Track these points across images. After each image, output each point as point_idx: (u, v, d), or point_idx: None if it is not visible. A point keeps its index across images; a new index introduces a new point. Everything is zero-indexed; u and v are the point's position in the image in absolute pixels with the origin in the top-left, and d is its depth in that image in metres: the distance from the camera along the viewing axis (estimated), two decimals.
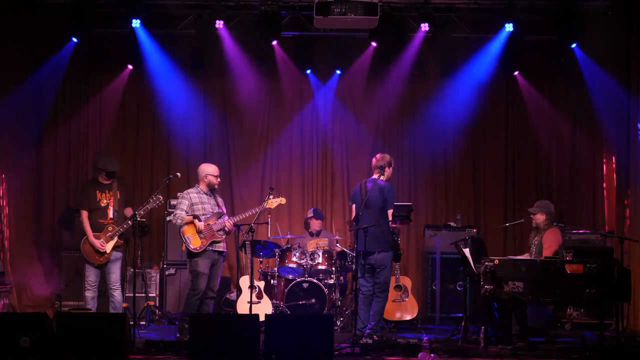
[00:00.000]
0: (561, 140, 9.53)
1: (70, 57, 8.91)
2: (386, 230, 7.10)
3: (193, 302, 7.17)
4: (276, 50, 9.24)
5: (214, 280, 7.32)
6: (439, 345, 6.95)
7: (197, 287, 7.17)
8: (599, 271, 6.61)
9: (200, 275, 7.16)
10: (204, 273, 7.18)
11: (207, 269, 7.20)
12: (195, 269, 7.20)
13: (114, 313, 7.21)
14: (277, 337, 6.15)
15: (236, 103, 9.62)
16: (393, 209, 7.25)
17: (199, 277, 7.17)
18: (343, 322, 8.13)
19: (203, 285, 7.18)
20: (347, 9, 7.78)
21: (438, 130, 9.60)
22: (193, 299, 7.17)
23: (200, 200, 7.29)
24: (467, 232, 8.71)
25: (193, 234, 7.18)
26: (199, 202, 7.28)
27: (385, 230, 7.09)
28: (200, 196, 7.32)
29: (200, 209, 7.25)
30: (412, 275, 9.12)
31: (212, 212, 7.28)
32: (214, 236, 7.21)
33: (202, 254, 7.18)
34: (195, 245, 7.16)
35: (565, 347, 7.07)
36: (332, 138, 9.74)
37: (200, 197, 7.31)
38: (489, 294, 6.76)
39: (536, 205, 7.57)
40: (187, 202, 7.26)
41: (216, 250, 7.27)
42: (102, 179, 7.51)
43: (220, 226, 7.23)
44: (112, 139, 9.54)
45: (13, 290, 8.45)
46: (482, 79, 9.34)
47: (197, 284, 7.17)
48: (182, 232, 7.21)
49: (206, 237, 7.19)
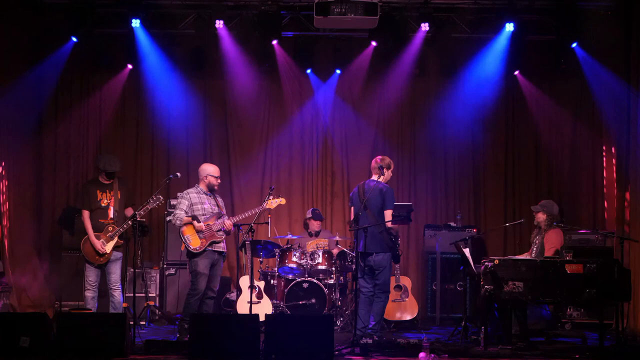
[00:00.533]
0: (561, 140, 9.54)
1: (69, 57, 8.91)
2: (384, 231, 7.09)
3: (192, 303, 7.16)
4: (276, 50, 9.24)
5: (214, 281, 7.32)
6: (439, 345, 6.94)
7: (197, 288, 7.17)
8: (599, 271, 6.61)
9: (200, 275, 7.16)
10: (204, 273, 7.17)
11: (206, 269, 7.19)
12: (195, 269, 7.19)
13: (114, 313, 7.20)
14: (277, 337, 6.15)
15: (236, 103, 9.62)
16: (393, 209, 7.26)
17: (198, 277, 7.17)
18: (343, 322, 8.13)
19: (203, 285, 7.17)
20: (347, 9, 7.78)
21: (438, 130, 9.60)
22: (193, 299, 7.16)
23: (200, 200, 7.29)
24: (467, 232, 8.71)
25: (193, 234, 7.17)
26: (198, 202, 7.27)
27: (383, 231, 7.09)
28: (200, 196, 7.31)
29: (200, 209, 7.25)
30: (412, 275, 9.13)
31: (211, 213, 7.28)
32: (213, 236, 7.21)
33: (201, 254, 7.18)
34: (195, 246, 7.16)
35: (565, 347, 7.08)
36: (332, 138, 9.74)
37: (200, 197, 7.31)
38: (489, 294, 6.76)
39: (540, 204, 7.56)
40: (186, 202, 7.26)
41: (216, 250, 7.27)
42: (102, 179, 7.51)
43: (219, 226, 7.22)
44: (112, 138, 9.54)
45: (13, 290, 8.45)
46: (482, 78, 9.34)
47: (197, 284, 7.17)
48: (182, 232, 7.20)
49: (206, 237, 7.18)
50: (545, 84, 9.48)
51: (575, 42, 8.75)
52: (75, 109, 9.43)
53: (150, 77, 9.31)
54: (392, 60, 9.29)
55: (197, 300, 7.18)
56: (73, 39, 8.75)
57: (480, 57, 9.14)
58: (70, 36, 8.73)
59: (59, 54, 8.86)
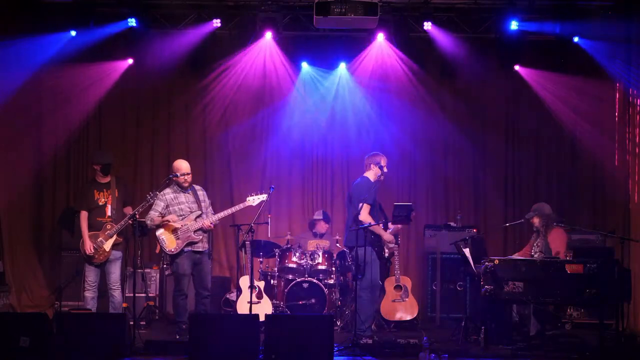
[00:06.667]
0: (562, 139, 9.52)
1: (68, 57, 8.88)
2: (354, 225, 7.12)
3: (180, 303, 7.24)
4: (276, 49, 9.25)
5: (204, 280, 7.35)
6: (439, 345, 6.94)
7: (181, 288, 7.25)
8: (599, 271, 6.61)
9: (181, 276, 7.24)
10: (185, 274, 7.25)
11: (188, 269, 7.25)
12: (175, 271, 7.28)
13: (114, 313, 7.21)
14: (277, 337, 6.15)
15: (236, 102, 9.62)
16: (393, 209, 7.30)
17: (180, 279, 7.25)
18: (343, 322, 8.13)
19: (186, 285, 7.26)
20: (347, 9, 7.77)
21: (438, 129, 9.60)
22: (179, 299, 7.26)
23: (177, 200, 7.29)
24: (467, 232, 8.70)
25: (168, 235, 7.20)
26: (175, 202, 7.28)
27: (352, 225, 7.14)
28: (176, 195, 7.31)
29: (177, 209, 7.26)
30: (412, 275, 9.11)
31: (189, 211, 7.28)
32: (190, 237, 7.21)
33: (180, 255, 7.22)
34: (171, 247, 7.19)
35: (565, 347, 7.07)
36: (332, 138, 9.73)
37: (176, 196, 7.31)
38: (489, 294, 6.76)
39: (531, 210, 7.59)
40: (162, 203, 7.26)
41: (195, 250, 7.28)
42: (99, 178, 7.50)
43: (197, 226, 7.22)
44: (112, 137, 9.54)
45: (13, 290, 8.45)
46: (482, 78, 9.34)
47: (180, 285, 7.25)
48: (157, 234, 7.22)
49: (181, 239, 7.19)
50: (545, 83, 9.46)
51: (577, 36, 8.72)
52: (75, 109, 9.41)
53: (150, 77, 9.29)
54: (392, 59, 9.29)
55: (184, 299, 7.26)
56: (72, 33, 8.71)
57: (480, 57, 9.13)
58: (69, 31, 8.70)
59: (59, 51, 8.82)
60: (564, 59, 9.06)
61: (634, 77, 8.30)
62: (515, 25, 8.57)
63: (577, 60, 8.98)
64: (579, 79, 9.09)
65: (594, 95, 9.05)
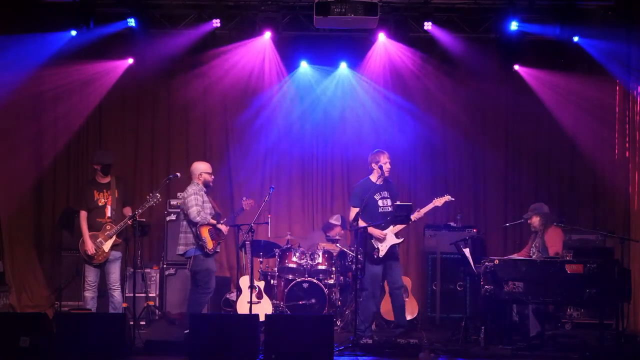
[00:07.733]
0: (561, 138, 9.51)
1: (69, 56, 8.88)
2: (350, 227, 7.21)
3: (205, 300, 7.38)
4: (276, 49, 9.25)
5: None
6: (439, 345, 6.95)
7: (211, 286, 7.36)
8: (599, 271, 6.62)
9: (212, 273, 7.36)
10: (215, 271, 7.42)
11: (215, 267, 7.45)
12: (208, 267, 7.33)
13: (114, 313, 7.21)
14: (277, 337, 6.15)
15: (236, 101, 9.62)
16: (394, 209, 7.31)
17: (212, 276, 7.34)
18: (343, 322, 8.13)
19: (214, 283, 7.38)
20: (347, 9, 7.77)
21: (438, 129, 9.60)
22: (207, 296, 7.38)
23: (205, 199, 7.35)
24: (467, 232, 8.70)
25: (207, 235, 7.28)
26: (206, 200, 7.37)
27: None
28: (203, 195, 7.36)
29: (208, 207, 7.37)
30: (412, 275, 9.12)
31: (213, 211, 7.40)
32: (220, 237, 7.37)
33: (212, 254, 7.36)
34: (210, 247, 7.30)
35: (565, 347, 7.07)
36: (332, 137, 9.73)
37: (203, 196, 7.36)
38: (489, 294, 6.76)
39: (529, 210, 7.59)
40: (201, 199, 7.33)
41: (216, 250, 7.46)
42: (99, 178, 7.50)
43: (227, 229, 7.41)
44: (112, 137, 9.53)
45: (13, 290, 8.45)
46: (482, 78, 9.34)
47: (211, 283, 7.35)
48: (200, 232, 7.26)
49: (215, 239, 7.34)
50: (545, 83, 9.46)
51: (577, 35, 8.72)
52: (75, 108, 9.40)
53: (150, 76, 9.29)
54: (392, 59, 9.31)
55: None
56: (72, 32, 8.71)
57: (480, 56, 9.12)
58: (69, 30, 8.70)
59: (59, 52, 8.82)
60: (564, 59, 9.09)
61: (634, 77, 8.30)
62: (516, 26, 8.56)
63: (577, 61, 9.00)
64: (579, 79, 9.08)
65: (594, 96, 9.05)
